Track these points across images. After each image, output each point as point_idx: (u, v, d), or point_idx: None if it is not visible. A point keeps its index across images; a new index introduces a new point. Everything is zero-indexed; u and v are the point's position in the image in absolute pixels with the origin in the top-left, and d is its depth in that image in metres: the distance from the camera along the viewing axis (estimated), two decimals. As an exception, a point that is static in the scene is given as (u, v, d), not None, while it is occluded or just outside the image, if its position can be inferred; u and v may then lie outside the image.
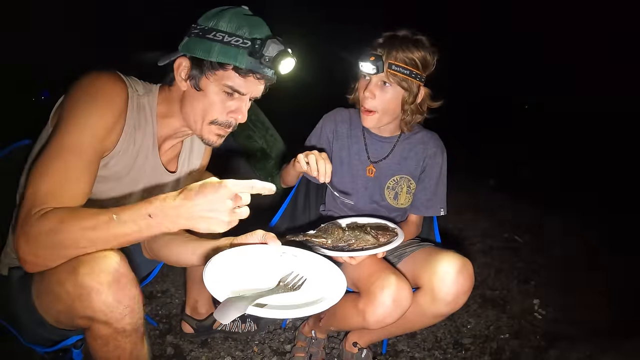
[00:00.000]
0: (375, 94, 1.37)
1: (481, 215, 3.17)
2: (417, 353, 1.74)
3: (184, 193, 0.82)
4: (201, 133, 1.11)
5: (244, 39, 1.01)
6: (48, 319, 0.98)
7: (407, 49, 1.33)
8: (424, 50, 1.35)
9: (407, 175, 1.52)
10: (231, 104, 1.07)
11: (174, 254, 1.31)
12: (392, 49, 1.33)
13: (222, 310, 0.76)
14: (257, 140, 3.43)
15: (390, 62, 1.33)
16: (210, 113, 1.07)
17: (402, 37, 1.36)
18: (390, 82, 1.35)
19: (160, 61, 1.09)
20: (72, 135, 0.96)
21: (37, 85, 3.95)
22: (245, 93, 1.07)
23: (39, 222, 0.84)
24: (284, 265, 1.00)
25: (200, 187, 0.82)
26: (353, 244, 1.23)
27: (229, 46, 1.00)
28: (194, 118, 1.09)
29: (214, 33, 1.01)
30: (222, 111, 1.07)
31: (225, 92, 1.05)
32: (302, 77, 1.29)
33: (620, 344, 1.81)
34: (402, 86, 1.35)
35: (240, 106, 1.08)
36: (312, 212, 1.72)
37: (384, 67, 1.33)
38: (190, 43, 1.05)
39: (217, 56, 1.00)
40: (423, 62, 1.35)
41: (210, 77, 1.04)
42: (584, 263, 2.54)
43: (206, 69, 1.03)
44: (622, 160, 4.71)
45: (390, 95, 1.37)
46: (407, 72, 1.33)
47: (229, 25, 1.01)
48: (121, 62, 1.21)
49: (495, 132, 5.61)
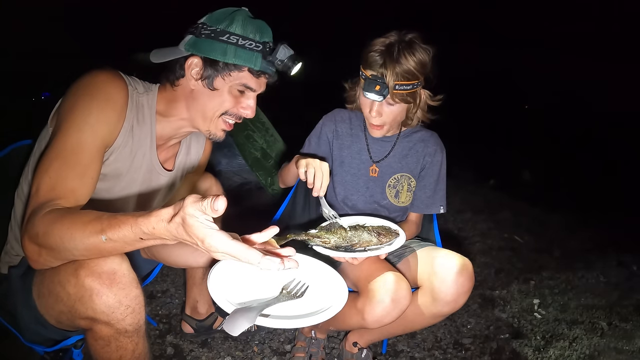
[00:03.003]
0: (381, 113, 1.37)
1: (481, 215, 3.16)
2: (417, 353, 1.74)
3: (172, 224, 0.73)
4: (209, 128, 1.15)
5: (256, 42, 1.07)
6: (49, 319, 0.98)
7: (406, 60, 1.29)
8: (419, 53, 1.31)
9: (407, 173, 1.52)
10: (242, 100, 1.14)
11: (173, 255, 1.32)
12: (392, 69, 1.28)
13: (231, 322, 0.76)
14: (257, 140, 3.43)
15: (395, 84, 1.28)
16: (223, 108, 1.12)
17: (397, 46, 1.30)
18: (396, 101, 1.33)
19: (159, 59, 1.10)
20: (73, 134, 0.96)
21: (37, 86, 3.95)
22: (256, 90, 1.14)
23: (39, 221, 0.85)
24: (285, 272, 1.00)
25: (181, 221, 0.72)
26: (355, 244, 1.23)
27: (244, 49, 1.06)
28: (203, 115, 1.13)
29: (228, 35, 1.05)
30: (234, 105, 1.13)
31: (238, 90, 1.11)
32: (302, 77, 1.29)
33: (620, 344, 1.81)
34: (407, 102, 1.35)
35: (250, 103, 1.15)
36: (312, 212, 1.72)
37: (390, 91, 1.30)
38: (201, 44, 1.06)
39: (234, 58, 1.06)
40: (421, 67, 1.32)
41: (225, 78, 1.08)
42: (584, 263, 2.53)
43: (222, 70, 1.07)
44: (622, 160, 4.71)
45: (396, 110, 1.37)
46: (410, 86, 1.31)
47: (242, 28, 1.06)
48: (121, 62, 1.21)
49: (495, 132, 5.61)
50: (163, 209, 0.75)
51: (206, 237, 0.71)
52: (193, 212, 0.71)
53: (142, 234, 0.76)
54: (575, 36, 9.64)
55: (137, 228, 0.76)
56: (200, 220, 0.71)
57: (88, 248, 0.81)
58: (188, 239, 0.74)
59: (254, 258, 0.72)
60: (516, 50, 9.79)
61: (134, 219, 0.76)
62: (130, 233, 0.77)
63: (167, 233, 0.74)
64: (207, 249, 0.72)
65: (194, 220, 0.71)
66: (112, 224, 0.78)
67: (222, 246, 0.71)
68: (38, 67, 4.83)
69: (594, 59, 8.93)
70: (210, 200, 0.70)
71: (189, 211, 0.71)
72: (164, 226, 0.74)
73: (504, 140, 5.23)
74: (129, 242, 0.78)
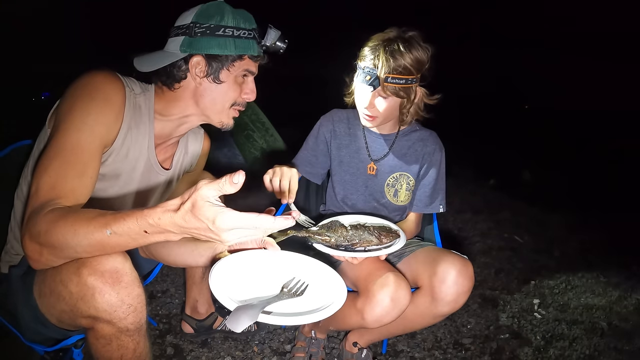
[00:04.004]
0: (373, 104, 1.38)
1: (481, 215, 3.16)
2: (417, 353, 1.75)
3: (179, 212, 0.74)
4: (221, 119, 1.19)
5: (248, 30, 1.12)
6: (50, 318, 0.98)
7: (401, 55, 1.30)
8: (416, 51, 1.32)
9: (406, 172, 1.52)
10: (244, 85, 1.19)
11: (173, 254, 1.32)
12: (386, 61, 1.30)
13: (234, 319, 0.77)
14: (257, 140, 3.43)
15: (386, 76, 1.31)
16: (232, 98, 1.17)
17: (394, 42, 1.32)
18: (388, 94, 1.35)
19: (152, 66, 1.10)
20: (72, 134, 0.96)
21: (37, 86, 3.96)
22: (255, 73, 1.20)
23: (40, 220, 0.85)
24: (284, 271, 1.02)
25: (191, 206, 0.73)
26: (356, 244, 1.23)
27: (240, 39, 1.11)
28: (215, 108, 1.16)
29: (223, 29, 1.09)
30: (240, 94, 1.18)
31: (242, 76, 1.17)
32: (302, 77, 1.29)
33: (620, 344, 1.81)
34: (399, 96, 1.35)
35: (252, 86, 1.20)
36: (312, 211, 1.73)
37: (380, 83, 1.32)
38: (198, 42, 1.08)
39: (236, 49, 1.10)
40: (417, 64, 1.33)
41: (230, 69, 1.13)
42: (584, 263, 2.54)
43: (226, 63, 1.11)
44: (622, 160, 4.71)
45: (388, 104, 1.38)
46: (403, 81, 1.32)
47: (233, 20, 1.10)
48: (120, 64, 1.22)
49: (495, 131, 5.61)
50: (169, 200, 0.76)
51: (217, 215, 0.71)
52: (207, 193, 0.72)
53: (147, 226, 0.76)
54: (575, 36, 9.64)
55: (142, 220, 0.76)
56: (211, 201, 0.72)
57: (92, 244, 0.81)
58: (196, 225, 0.73)
59: (267, 221, 0.73)
60: (516, 50, 9.80)
61: (140, 211, 0.77)
62: (136, 225, 0.77)
63: (172, 224, 0.75)
64: (218, 228, 0.72)
65: (204, 202, 0.71)
66: (116, 217, 0.79)
67: (233, 221, 0.72)
68: (38, 67, 4.83)
69: (594, 58, 8.93)
70: (227, 177, 0.72)
71: (202, 192, 0.72)
72: (170, 216, 0.74)
73: (504, 140, 5.23)
74: (133, 235, 0.78)
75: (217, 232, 0.73)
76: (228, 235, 0.74)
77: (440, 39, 1.43)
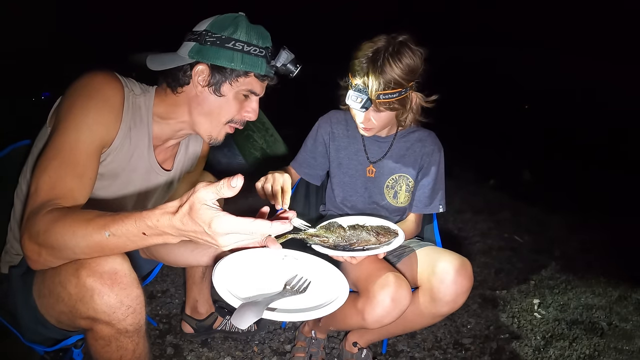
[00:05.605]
0: (369, 119, 1.37)
1: (481, 215, 3.16)
2: (417, 353, 1.75)
3: (178, 215, 0.73)
4: (211, 133, 1.15)
5: (260, 48, 1.08)
6: (49, 318, 0.98)
7: (391, 69, 1.25)
8: (407, 58, 1.27)
9: (405, 173, 1.52)
10: (245, 104, 1.15)
11: (173, 254, 1.31)
12: (375, 79, 1.26)
13: (239, 316, 0.77)
14: (257, 140, 3.43)
15: (378, 94, 1.27)
16: (229, 114, 1.13)
17: (383, 54, 1.27)
18: (382, 110, 1.33)
19: (160, 66, 1.10)
20: (71, 134, 0.97)
21: (37, 86, 3.96)
22: (260, 94, 1.16)
23: (39, 220, 0.85)
24: (287, 268, 1.02)
25: (189, 209, 0.73)
26: (354, 244, 1.23)
27: (249, 55, 1.08)
28: (209, 120, 1.13)
29: (234, 42, 1.06)
30: (239, 111, 1.14)
31: (243, 95, 1.12)
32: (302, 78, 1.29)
33: (620, 344, 1.81)
34: (394, 109, 1.33)
35: (254, 106, 1.16)
36: (312, 212, 1.72)
37: (372, 102, 1.30)
38: (207, 51, 1.06)
39: (242, 65, 1.07)
40: (409, 73, 1.28)
41: (233, 84, 1.10)
42: (584, 263, 2.54)
43: (229, 76, 1.08)
44: (622, 160, 4.71)
45: (384, 116, 1.36)
46: (396, 94, 1.29)
47: (247, 35, 1.07)
48: (119, 64, 1.22)
49: (495, 132, 5.61)
50: (168, 203, 0.76)
51: (213, 219, 0.70)
52: (204, 195, 0.71)
53: (145, 228, 0.76)
54: (575, 36, 9.64)
55: (141, 222, 0.76)
56: (208, 204, 0.71)
57: (90, 245, 0.81)
58: (193, 228, 0.73)
59: (263, 226, 0.72)
60: (516, 50, 9.80)
61: (139, 213, 0.77)
62: (134, 227, 0.77)
63: (170, 227, 0.75)
64: (214, 232, 0.72)
65: (201, 205, 0.71)
66: (115, 219, 0.78)
67: (229, 225, 0.71)
68: (38, 67, 4.84)
69: (594, 58, 8.93)
70: (225, 180, 0.71)
71: (200, 195, 0.71)
72: (168, 219, 0.74)
73: (504, 140, 5.23)
74: (131, 237, 0.78)
75: (213, 235, 0.73)
76: (224, 240, 0.74)
77: (439, 39, 1.42)
